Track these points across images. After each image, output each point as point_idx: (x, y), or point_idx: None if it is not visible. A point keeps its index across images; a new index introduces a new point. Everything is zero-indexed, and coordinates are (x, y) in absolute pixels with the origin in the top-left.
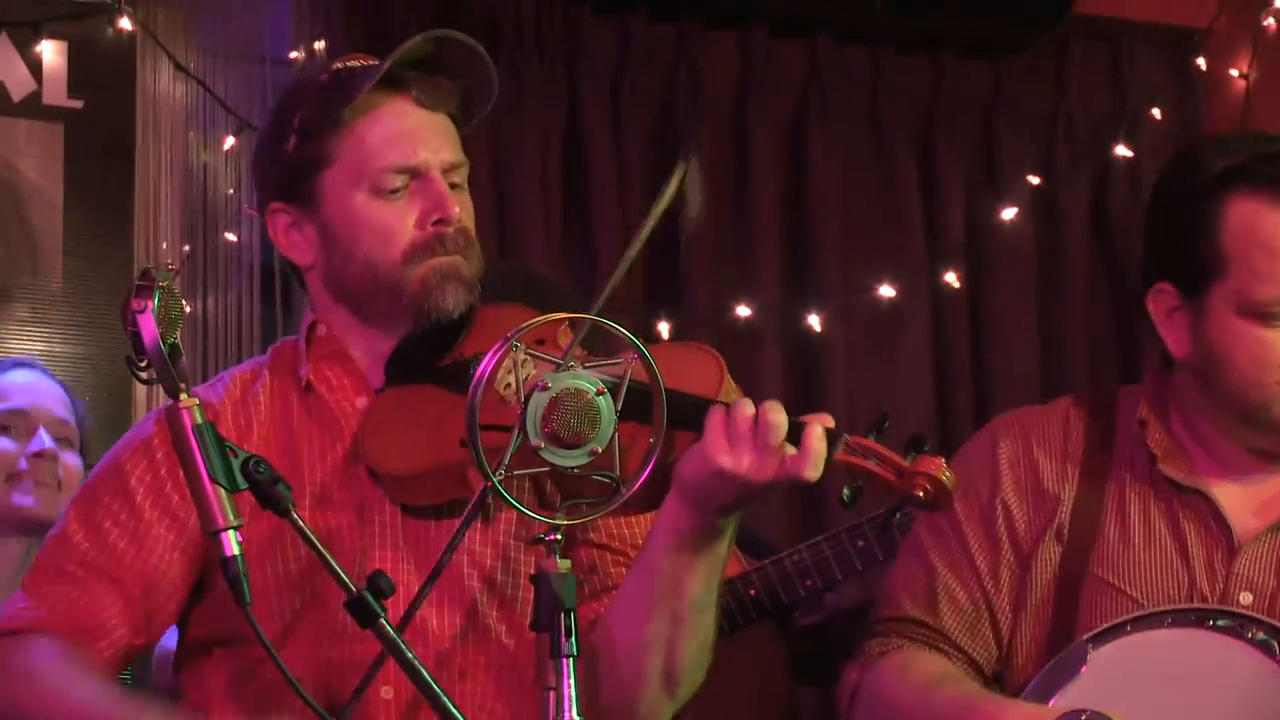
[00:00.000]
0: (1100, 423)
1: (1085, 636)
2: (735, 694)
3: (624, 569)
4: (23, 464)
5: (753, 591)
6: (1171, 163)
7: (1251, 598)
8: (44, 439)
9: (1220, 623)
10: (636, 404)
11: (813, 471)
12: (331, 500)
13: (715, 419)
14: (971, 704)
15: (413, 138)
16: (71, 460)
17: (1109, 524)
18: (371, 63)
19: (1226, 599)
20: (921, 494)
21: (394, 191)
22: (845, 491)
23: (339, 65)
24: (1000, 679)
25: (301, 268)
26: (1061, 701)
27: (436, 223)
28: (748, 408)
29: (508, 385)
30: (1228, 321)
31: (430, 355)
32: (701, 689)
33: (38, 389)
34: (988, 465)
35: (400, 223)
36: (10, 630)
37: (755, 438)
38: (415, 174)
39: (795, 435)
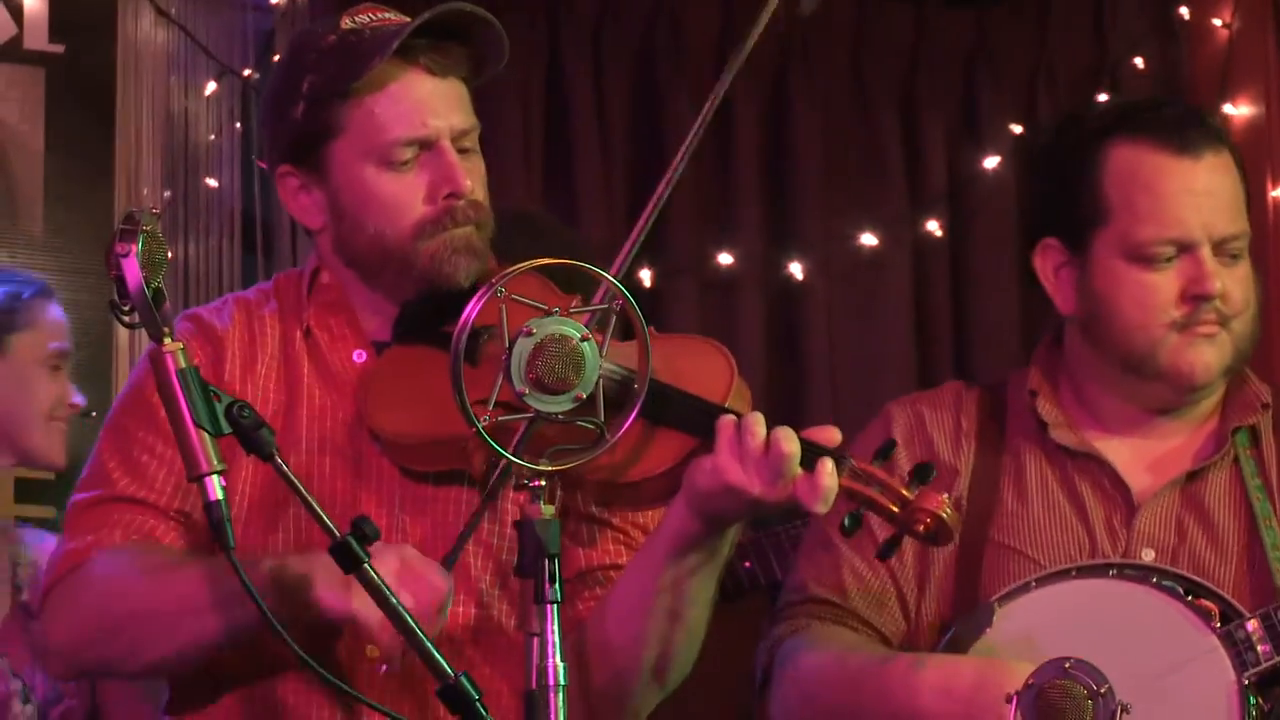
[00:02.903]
0: (992, 400)
1: (993, 598)
2: (726, 665)
3: (624, 547)
4: (64, 411)
5: (747, 564)
6: (1056, 123)
7: (1154, 554)
8: (69, 385)
9: (1126, 573)
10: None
11: (822, 507)
12: (329, 449)
13: (725, 435)
14: (886, 663)
15: (422, 108)
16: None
17: (1007, 493)
18: (381, 19)
19: (1129, 557)
20: (922, 528)
21: (404, 164)
22: (845, 520)
23: (348, 24)
24: (908, 650)
25: (311, 230)
26: (973, 654)
27: (448, 196)
28: (759, 429)
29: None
30: (1113, 269)
31: (437, 317)
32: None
33: (66, 324)
34: (892, 465)
35: (410, 197)
36: (75, 564)
37: (766, 463)
38: (425, 145)
39: (806, 459)
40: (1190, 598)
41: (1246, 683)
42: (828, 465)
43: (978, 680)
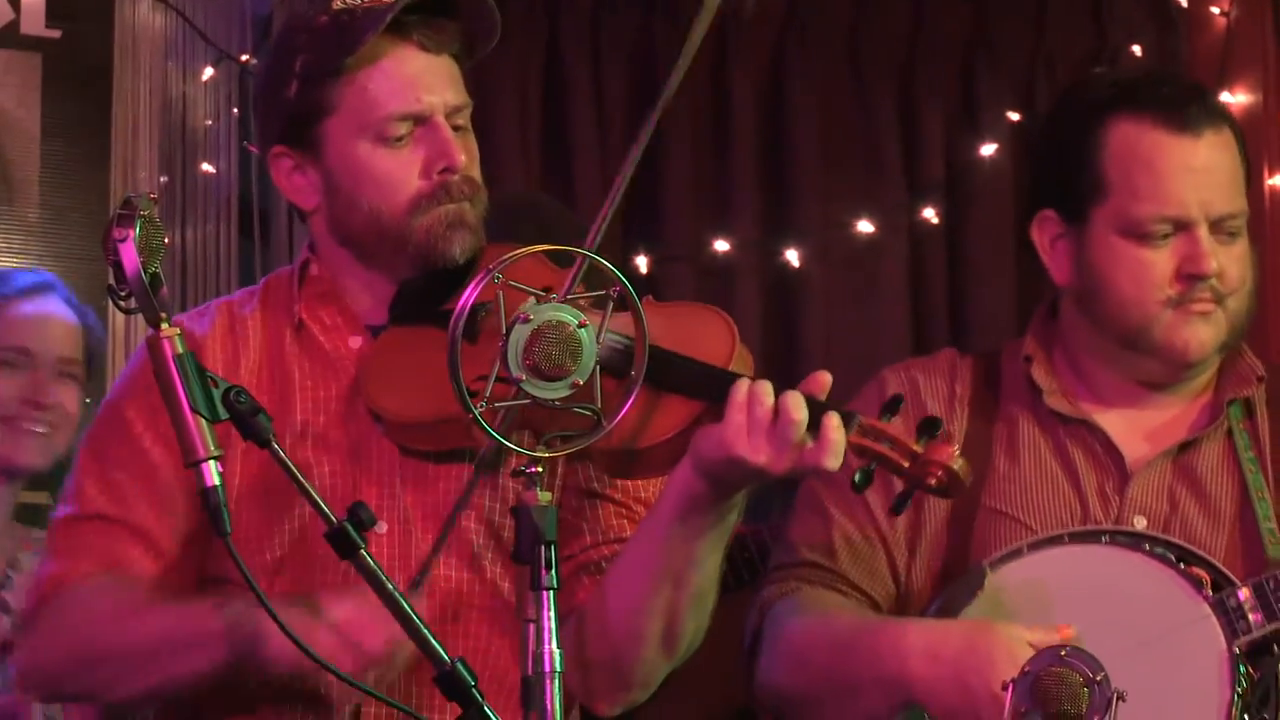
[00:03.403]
0: (986, 367)
1: (985, 562)
2: (726, 655)
3: (626, 521)
4: (15, 408)
5: (749, 555)
6: (1060, 95)
7: (1145, 522)
8: (43, 386)
9: (1119, 539)
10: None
11: (833, 461)
12: (325, 437)
13: (734, 403)
14: (872, 626)
15: (416, 84)
16: (70, 401)
17: (999, 458)
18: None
19: (1120, 524)
20: (934, 481)
21: (398, 139)
22: (856, 475)
23: (339, 4)
24: (898, 615)
25: (305, 211)
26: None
27: (442, 171)
28: (767, 397)
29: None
30: (1109, 244)
31: (435, 297)
32: (697, 649)
33: (46, 322)
34: (900, 421)
35: (405, 172)
36: (55, 589)
37: (775, 431)
38: (419, 120)
39: (813, 421)
40: (1182, 565)
41: (1237, 650)
42: (834, 420)
43: (965, 644)
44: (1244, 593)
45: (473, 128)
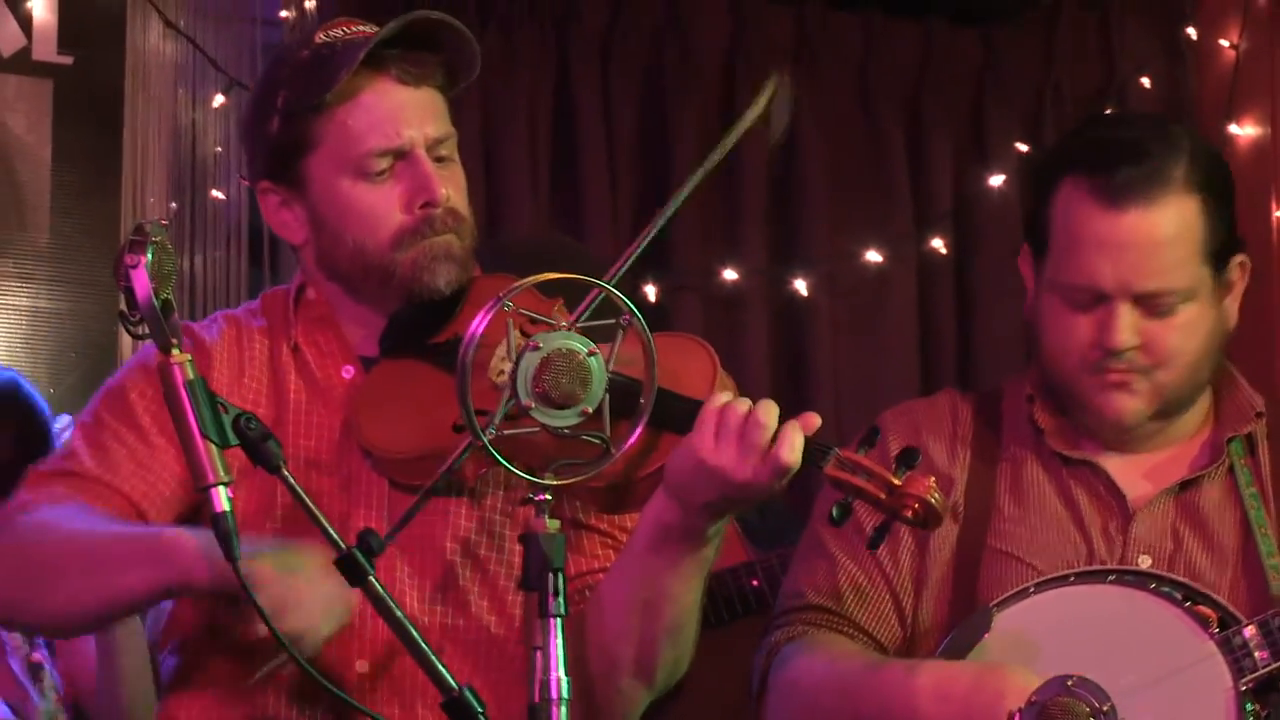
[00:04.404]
0: (988, 407)
1: (991, 604)
2: (731, 683)
3: (612, 551)
4: None
5: (755, 582)
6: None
7: (1150, 560)
8: None
9: (1125, 579)
10: (627, 403)
11: (790, 454)
12: (318, 464)
13: (707, 414)
14: (880, 667)
15: (395, 118)
16: None
17: (1003, 499)
18: (355, 32)
19: (1125, 563)
20: (910, 514)
21: (379, 174)
22: (833, 510)
23: (321, 38)
24: (905, 657)
25: (294, 245)
26: (971, 659)
27: (424, 205)
28: (741, 406)
29: (500, 373)
30: (1045, 298)
31: (424, 329)
32: (698, 678)
33: None
34: (878, 454)
35: (386, 207)
36: (17, 512)
37: (743, 436)
38: (400, 155)
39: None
40: (1189, 604)
41: (1244, 689)
42: (791, 423)
43: (975, 683)
44: (1250, 630)
45: (482, 158)
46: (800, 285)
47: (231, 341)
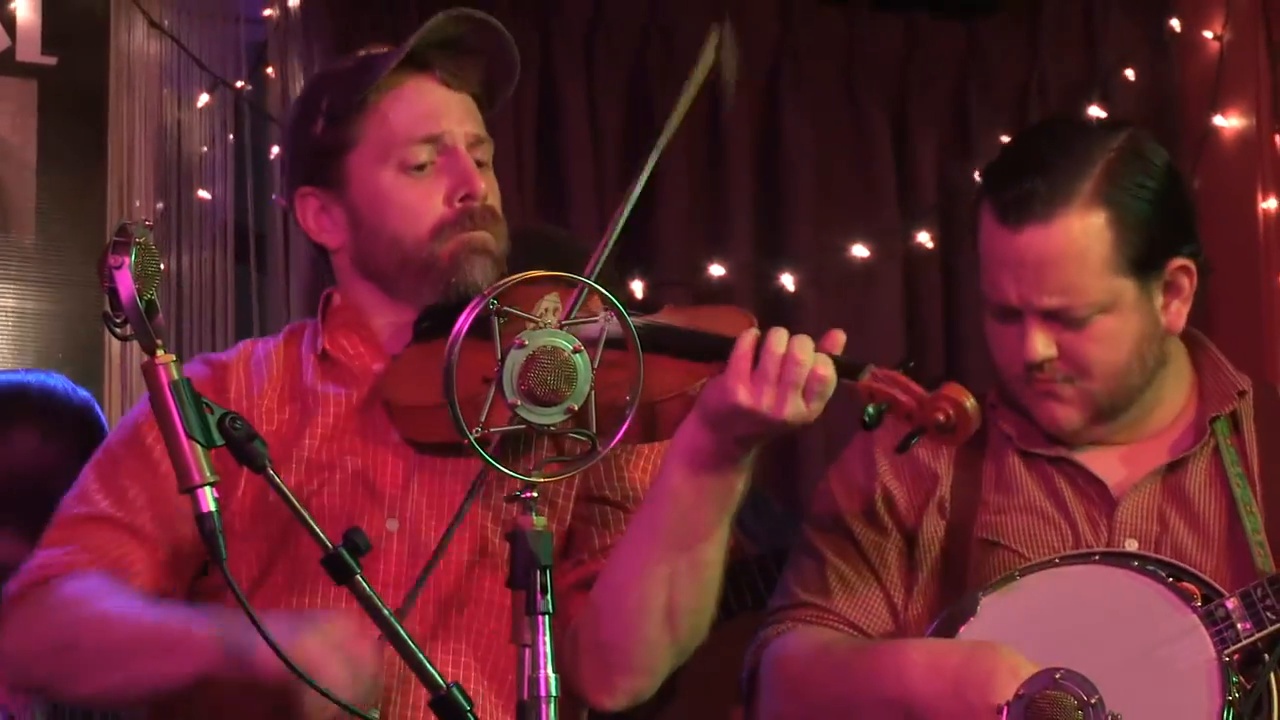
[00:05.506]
0: None
1: (978, 589)
2: (730, 683)
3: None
4: None
5: (752, 579)
6: None
7: (1137, 544)
8: None
9: (1110, 559)
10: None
11: (825, 385)
12: (343, 434)
13: (740, 349)
14: (872, 648)
15: (436, 112)
16: None
17: (988, 493)
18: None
19: (1112, 547)
20: (943, 418)
21: (420, 167)
22: (869, 410)
23: (364, 52)
24: None
25: (330, 250)
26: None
27: (464, 199)
28: (780, 343)
29: (544, 312)
30: (984, 310)
31: (455, 318)
32: (706, 669)
33: None
34: (864, 457)
35: (427, 200)
36: (46, 577)
37: (781, 375)
38: (441, 147)
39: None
40: (1172, 580)
41: (1227, 660)
42: (820, 356)
43: (965, 660)
44: (1232, 602)
45: None
46: (787, 280)
47: (247, 358)
